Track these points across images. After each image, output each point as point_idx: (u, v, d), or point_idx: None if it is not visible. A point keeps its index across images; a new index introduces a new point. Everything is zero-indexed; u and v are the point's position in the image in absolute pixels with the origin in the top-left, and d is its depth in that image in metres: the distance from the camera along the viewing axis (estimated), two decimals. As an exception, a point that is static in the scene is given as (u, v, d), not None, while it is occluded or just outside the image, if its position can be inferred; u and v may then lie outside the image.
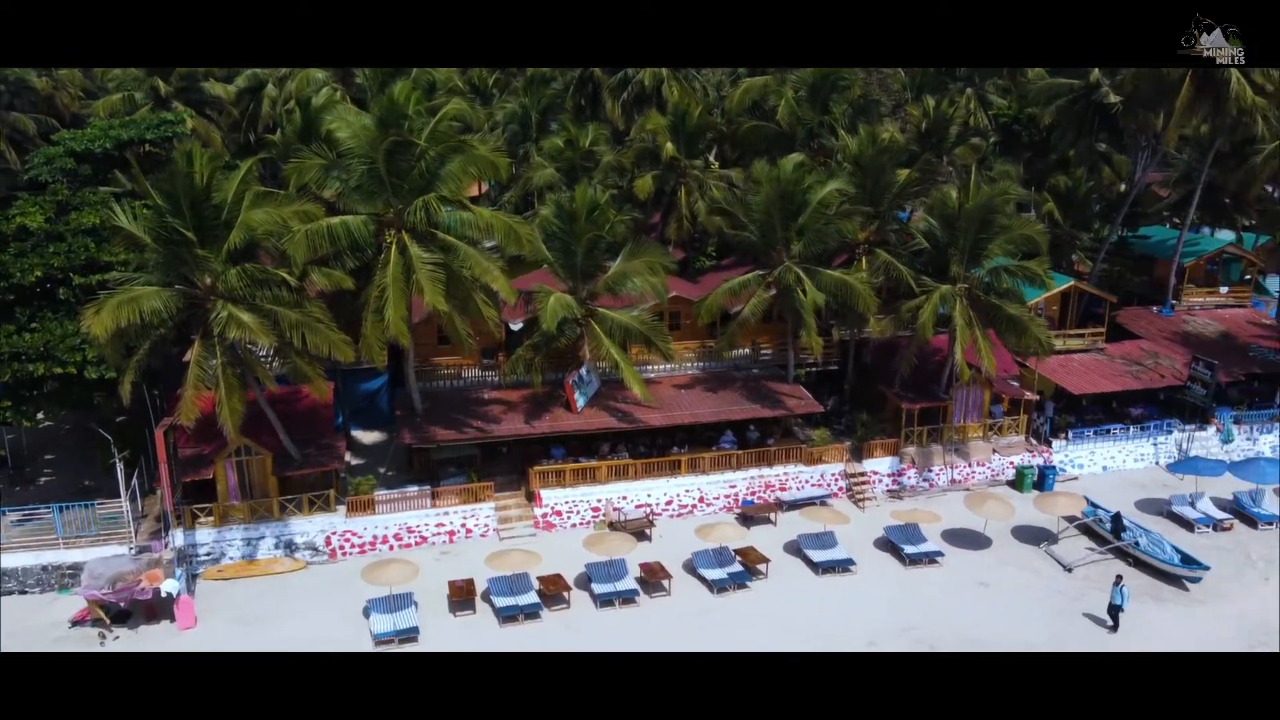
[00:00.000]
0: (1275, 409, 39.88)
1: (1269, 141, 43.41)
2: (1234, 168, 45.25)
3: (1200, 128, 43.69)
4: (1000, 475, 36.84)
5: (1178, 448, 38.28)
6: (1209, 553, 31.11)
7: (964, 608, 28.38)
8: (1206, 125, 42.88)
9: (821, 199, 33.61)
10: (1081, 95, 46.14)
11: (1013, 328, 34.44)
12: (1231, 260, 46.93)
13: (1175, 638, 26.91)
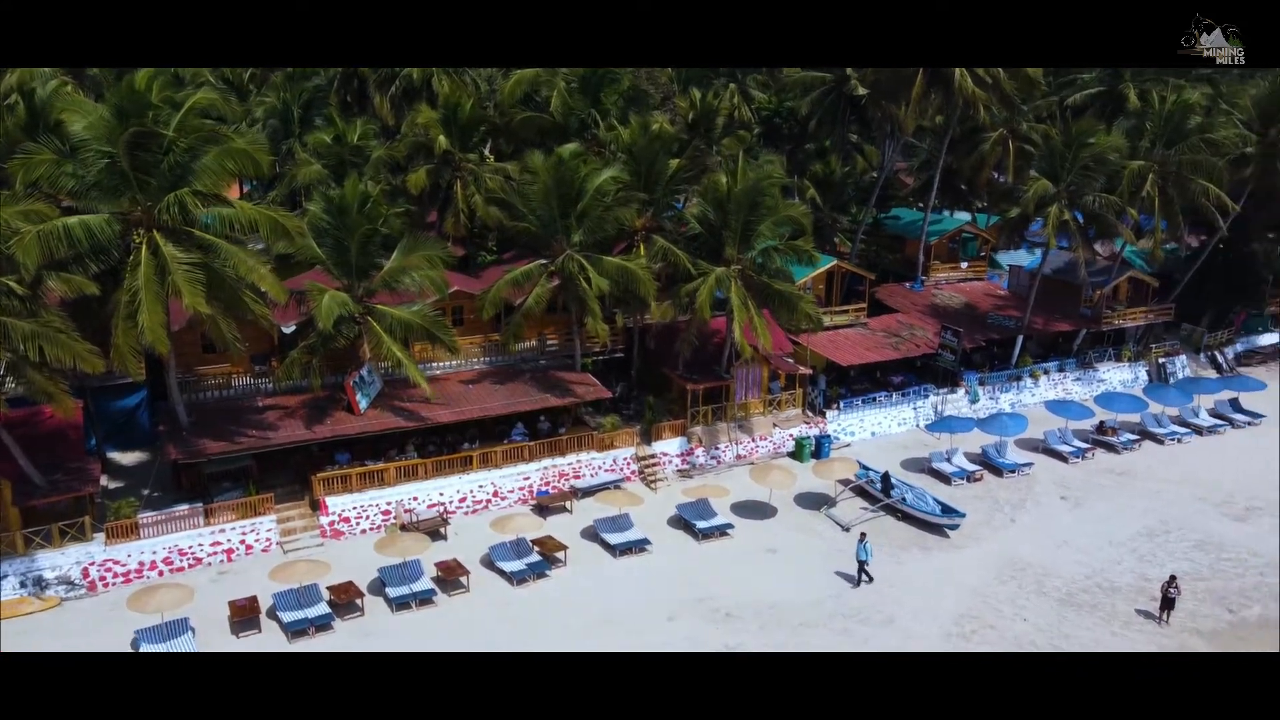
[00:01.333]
0: (1012, 369, 44.20)
1: (993, 130, 47.97)
2: (966, 155, 49.63)
3: (935, 118, 47.79)
4: (782, 447, 38.71)
5: (934, 410, 41.66)
6: (965, 502, 34.07)
7: (755, 574, 29.62)
8: (940, 116, 46.97)
9: (599, 187, 34.01)
10: (833, 88, 49.31)
11: (785, 305, 36.21)
12: (969, 239, 51.61)
13: (939, 579, 29.32)
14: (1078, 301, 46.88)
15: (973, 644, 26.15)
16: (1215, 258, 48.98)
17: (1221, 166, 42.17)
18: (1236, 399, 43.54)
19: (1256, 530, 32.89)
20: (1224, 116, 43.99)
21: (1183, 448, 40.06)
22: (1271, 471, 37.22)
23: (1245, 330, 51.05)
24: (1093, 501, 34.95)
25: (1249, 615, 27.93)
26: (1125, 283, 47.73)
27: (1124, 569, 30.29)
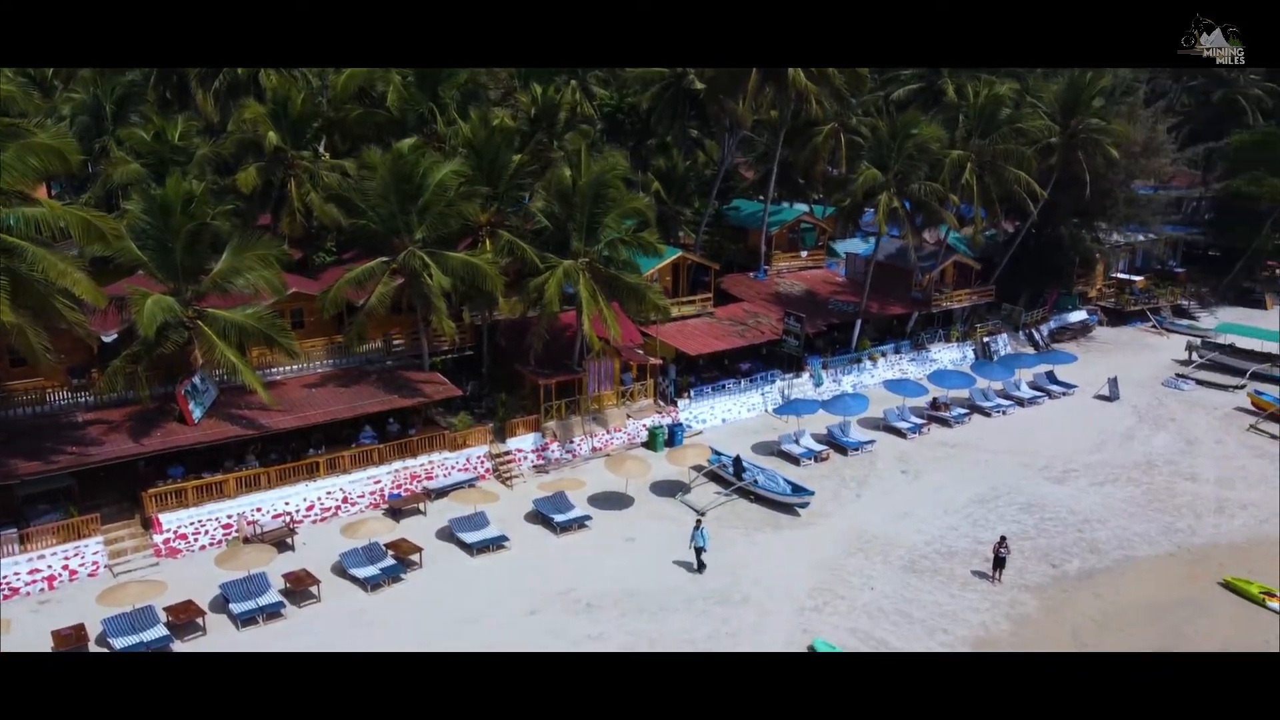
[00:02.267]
0: (852, 352, 46.08)
1: (825, 124, 49.81)
2: (801, 148, 51.36)
3: (770, 112, 49.24)
4: (636, 438, 39.04)
5: (781, 394, 42.94)
6: (813, 480, 35.27)
7: (615, 563, 29.76)
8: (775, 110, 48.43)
9: (440, 181, 33.36)
10: (672, 83, 50.07)
11: (633, 297, 36.52)
12: (808, 229, 53.47)
13: (792, 556, 30.26)
14: (909, 286, 49.33)
15: (824, 615, 27.10)
16: (1028, 241, 52.48)
17: (1030, 155, 45.29)
18: (1052, 372, 46.77)
19: (1073, 490, 35.43)
20: (1030, 109, 47.17)
21: (1007, 419, 42.75)
22: (1085, 436, 40.24)
23: (1057, 308, 54.90)
24: (930, 473, 36.83)
25: (1069, 569, 30.05)
26: (951, 267, 50.53)
27: (960, 534, 32.04)
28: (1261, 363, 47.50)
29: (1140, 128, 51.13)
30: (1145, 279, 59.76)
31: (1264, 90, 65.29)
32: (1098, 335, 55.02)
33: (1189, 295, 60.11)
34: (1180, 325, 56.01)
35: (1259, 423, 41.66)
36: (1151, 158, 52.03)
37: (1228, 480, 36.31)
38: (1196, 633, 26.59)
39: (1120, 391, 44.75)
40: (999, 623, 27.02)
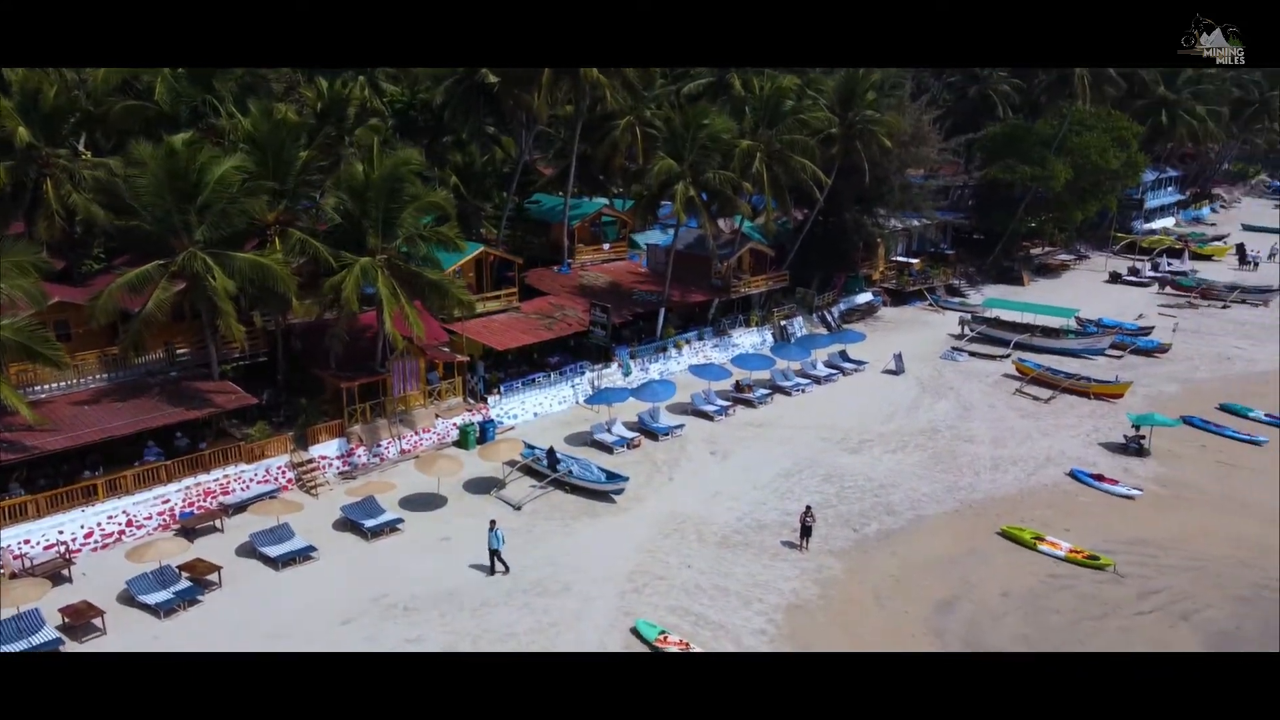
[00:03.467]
0: (658, 341, 46.99)
1: (622, 117, 50.52)
2: (598, 142, 51.87)
3: (566, 106, 49.47)
4: (447, 438, 38.22)
5: (591, 385, 43.21)
6: (627, 467, 35.71)
7: (430, 564, 29.02)
8: (571, 105, 48.70)
9: (221, 177, 31.32)
10: (465, 78, 49.26)
11: (437, 293, 35.71)
12: (609, 222, 54.11)
13: (610, 542, 30.53)
14: (709, 274, 50.85)
15: (644, 596, 27.49)
16: (816, 228, 55.23)
17: (813, 145, 47.69)
18: (844, 350, 49.45)
19: (869, 459, 37.61)
20: (811, 101, 49.66)
21: (806, 396, 44.85)
22: (876, 408, 42.81)
23: (846, 291, 58.10)
24: (738, 452, 38.08)
25: (869, 532, 31.87)
26: (747, 254, 52.47)
27: (769, 508, 33.31)
28: (1022, 333, 52.10)
29: (909, 119, 54.87)
30: (921, 261, 64.24)
31: (1011, 87, 71.68)
32: (883, 315, 58.64)
33: (959, 275, 65.08)
34: (953, 302, 60.54)
35: (1023, 386, 45.67)
36: (920, 146, 55.95)
37: (1000, 439, 39.58)
38: (981, 580, 28.83)
39: (905, 365, 47.87)
40: (808, 588, 28.29)
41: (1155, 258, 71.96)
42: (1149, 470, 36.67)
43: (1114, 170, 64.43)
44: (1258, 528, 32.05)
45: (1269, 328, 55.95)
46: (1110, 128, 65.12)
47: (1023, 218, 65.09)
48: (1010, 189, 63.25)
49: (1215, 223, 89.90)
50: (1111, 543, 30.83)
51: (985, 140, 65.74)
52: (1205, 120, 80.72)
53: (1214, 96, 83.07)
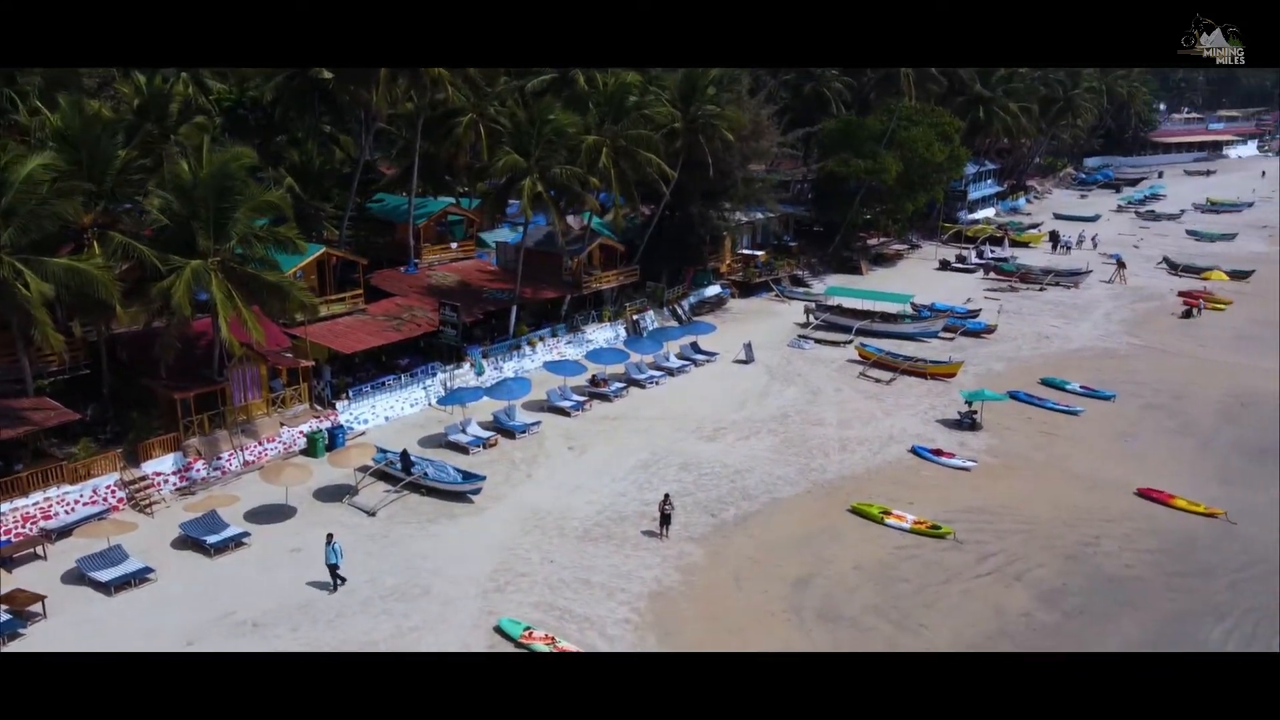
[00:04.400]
0: (511, 339, 46.55)
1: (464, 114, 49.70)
2: (441, 139, 50.89)
3: (406, 103, 48.24)
4: (294, 446, 36.68)
5: (444, 386, 42.37)
6: (484, 466, 35.20)
7: (281, 577, 27.79)
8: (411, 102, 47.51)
9: (28, 176, 28.98)
10: (298, 72, 47.34)
11: (276, 296, 34.16)
12: (456, 220, 53.20)
13: (469, 543, 30.03)
14: (560, 271, 50.73)
15: (507, 595, 27.16)
16: (664, 223, 55.99)
17: (657, 140, 48.27)
18: (696, 342, 50.31)
19: (724, 446, 38.36)
20: (654, 96, 50.23)
21: (661, 388, 45.37)
22: (729, 397, 43.72)
23: (695, 284, 59.11)
24: (595, 446, 38.14)
25: (727, 517, 32.50)
26: (597, 250, 52.63)
27: (628, 499, 33.50)
28: (863, 319, 54.34)
29: (748, 114, 56.29)
30: (766, 253, 66.07)
31: (843, 84, 74.63)
32: (731, 306, 59.99)
33: (803, 265, 67.31)
34: (797, 292, 62.57)
35: (865, 370, 47.63)
36: (760, 140, 57.50)
37: (847, 421, 41.13)
38: (834, 555, 29.87)
39: (755, 355, 49.10)
40: (670, 575, 28.60)
41: (979, 246, 76.40)
42: (982, 443, 38.89)
43: (939, 163, 68.15)
44: (1078, 491, 34.51)
45: (1081, 307, 60.37)
46: (934, 123, 68.87)
47: (859, 210, 67.91)
48: (846, 182, 65.87)
49: (1030, 212, 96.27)
50: (951, 512, 32.50)
51: (821, 135, 68.26)
52: (1018, 116, 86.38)
53: (1025, 94, 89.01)
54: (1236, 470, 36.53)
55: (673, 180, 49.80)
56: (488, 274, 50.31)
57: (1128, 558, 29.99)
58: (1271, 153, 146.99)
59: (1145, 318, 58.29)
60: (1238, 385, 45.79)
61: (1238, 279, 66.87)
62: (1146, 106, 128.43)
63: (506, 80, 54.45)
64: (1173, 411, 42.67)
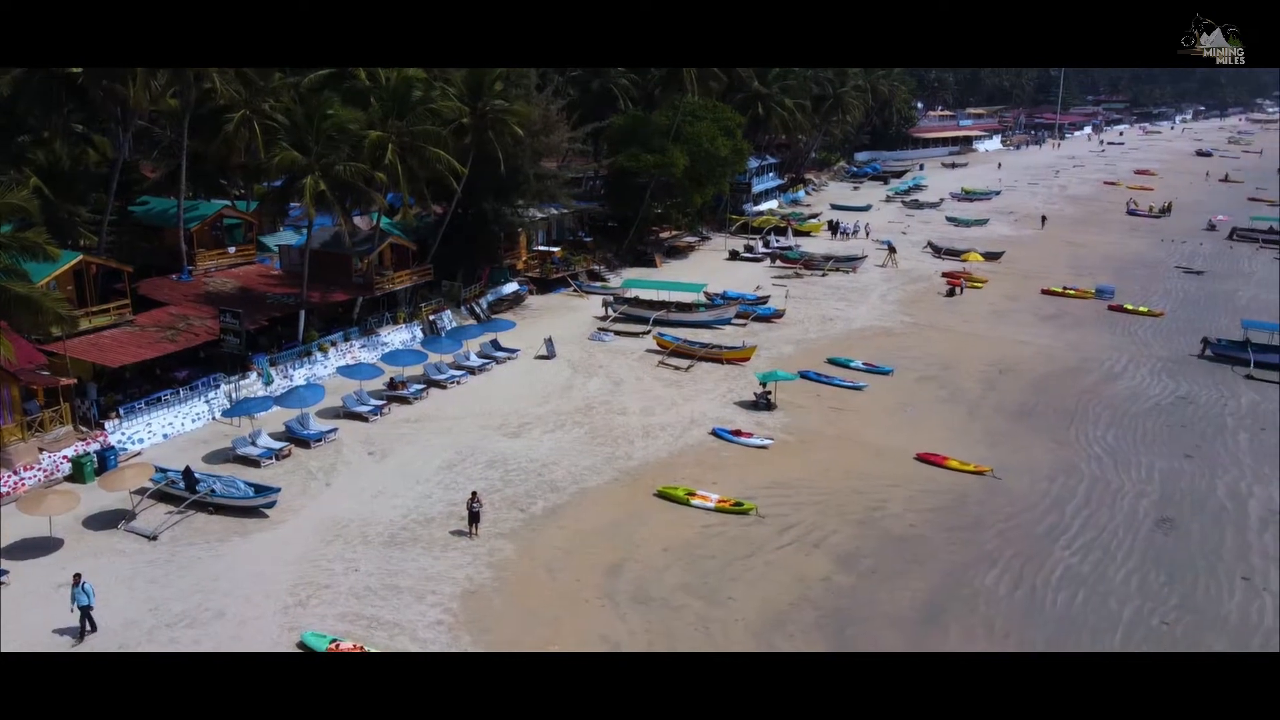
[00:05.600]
0: (301, 345, 44.35)
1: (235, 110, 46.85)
2: (212, 138, 47.79)
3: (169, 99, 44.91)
4: (58, 472, 33.39)
5: (228, 397, 39.82)
6: (278, 478, 33.38)
7: (44, 616, 25.19)
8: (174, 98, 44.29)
9: None
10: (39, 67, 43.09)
11: (27, 309, 31.05)
12: (234, 224, 50.14)
13: (266, 559, 28.38)
14: (350, 272, 48.85)
15: (310, 608, 25.87)
16: (457, 220, 54.99)
17: (446, 135, 47.33)
18: (496, 340, 49.76)
19: (529, 441, 38.13)
20: (440, 91, 49.23)
21: (462, 388, 44.57)
22: (532, 392, 43.53)
23: (492, 282, 58.46)
24: (397, 450, 36.98)
25: (536, 510, 32.34)
26: (388, 249, 51.04)
27: (434, 500, 32.70)
28: (660, 310, 55.54)
29: (538, 109, 56.24)
30: (562, 249, 66.27)
31: (629, 81, 75.91)
32: (530, 303, 59.77)
33: (599, 260, 67.95)
34: (595, 287, 63.11)
35: (665, 359, 48.72)
36: (550, 135, 57.59)
37: (649, 409, 41.89)
38: (643, 540, 30.35)
39: (556, 349, 49.13)
40: (482, 572, 28.15)
41: (765, 236, 79.81)
42: (777, 421, 40.65)
43: (724, 157, 70.65)
44: (865, 460, 36.74)
45: (859, 290, 64.29)
46: (717, 118, 71.33)
47: (650, 204, 69.33)
48: (637, 177, 67.05)
49: (810, 204, 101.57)
50: (753, 489, 33.77)
51: (610, 131, 69.17)
52: (794, 112, 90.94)
53: (799, 91, 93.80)
54: (999, 431, 40.07)
55: (463, 177, 49.01)
56: (271, 278, 47.71)
57: (911, 518, 32.20)
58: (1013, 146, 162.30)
59: (915, 298, 62.80)
60: (996, 355, 50.21)
61: (991, 259, 73.26)
62: (906, 104, 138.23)
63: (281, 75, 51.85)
64: (943, 382, 46.20)
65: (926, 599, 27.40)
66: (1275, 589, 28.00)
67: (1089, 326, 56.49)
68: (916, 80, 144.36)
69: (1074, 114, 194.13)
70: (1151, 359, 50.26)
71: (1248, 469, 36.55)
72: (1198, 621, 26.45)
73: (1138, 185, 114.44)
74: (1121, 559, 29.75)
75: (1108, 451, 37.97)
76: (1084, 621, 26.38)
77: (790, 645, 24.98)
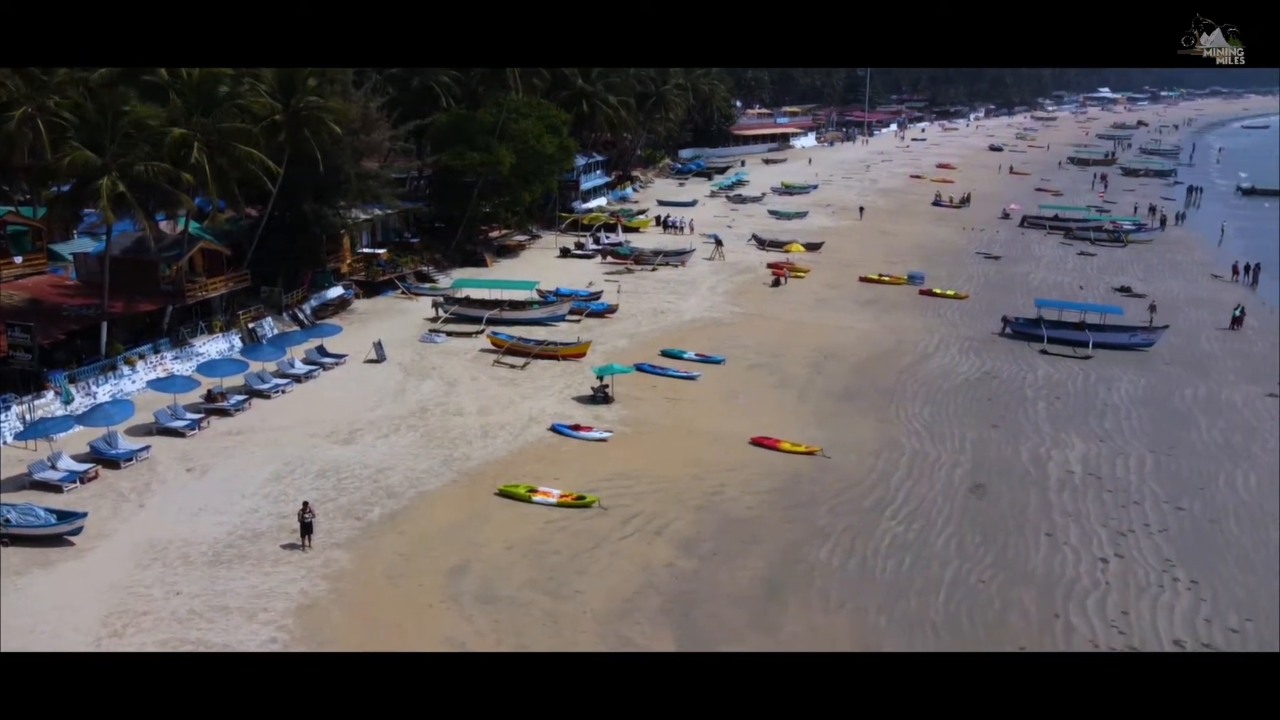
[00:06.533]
0: (104, 359, 41.20)
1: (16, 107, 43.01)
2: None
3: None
4: None
5: (21, 419, 36.49)
6: (84, 503, 30.96)
7: None
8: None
9: None
10: None
11: None
12: (20, 231, 46.02)
13: (74, 589, 26.23)
14: (157, 280, 45.75)
15: (127, 638, 24.10)
16: (274, 223, 52.53)
17: (257, 133, 45.05)
18: (322, 345, 47.81)
19: (362, 447, 36.87)
20: (249, 86, 46.85)
21: (288, 397, 42.59)
22: (363, 398, 42.10)
23: (315, 287, 56.15)
24: (219, 465, 34.94)
25: (373, 517, 31.30)
26: (199, 255, 48.10)
27: (261, 515, 31.10)
28: (492, 309, 54.91)
29: (356, 107, 54.42)
30: (388, 251, 64.44)
31: (451, 78, 74.58)
32: (357, 307, 57.78)
33: (428, 261, 66.47)
34: (424, 288, 61.68)
35: (500, 357, 48.19)
36: (370, 134, 55.84)
37: (486, 409, 41.31)
38: (486, 539, 29.91)
39: (386, 353, 47.72)
40: (318, 585, 26.99)
41: (595, 232, 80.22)
42: (615, 414, 40.93)
43: (551, 155, 70.51)
44: (702, 447, 37.52)
45: (689, 283, 65.60)
46: (542, 116, 71.11)
47: (478, 203, 68.38)
48: (463, 175, 66.01)
49: (638, 200, 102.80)
50: (594, 482, 33.86)
51: (434, 129, 67.76)
52: (618, 109, 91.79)
53: (623, 89, 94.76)
54: (827, 412, 41.83)
55: (279, 177, 46.81)
56: (66, 289, 44.11)
57: (748, 500, 33.12)
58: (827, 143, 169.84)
59: (743, 289, 64.68)
60: (821, 341, 52.39)
61: (812, 250, 76.42)
62: (726, 102, 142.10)
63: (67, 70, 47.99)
64: (772, 368, 47.79)
65: (766, 576, 28.26)
66: (1074, 543, 30.47)
67: (903, 310, 59.78)
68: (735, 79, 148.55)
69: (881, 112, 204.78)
70: (959, 338, 53.71)
71: (1046, 435, 39.62)
72: (1010, 577, 28.44)
73: (940, 178, 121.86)
74: (941, 525, 31.62)
75: (925, 426, 40.29)
76: (911, 586, 27.88)
77: (638, 632, 25.21)
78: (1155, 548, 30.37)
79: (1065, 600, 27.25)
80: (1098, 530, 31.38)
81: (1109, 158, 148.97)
